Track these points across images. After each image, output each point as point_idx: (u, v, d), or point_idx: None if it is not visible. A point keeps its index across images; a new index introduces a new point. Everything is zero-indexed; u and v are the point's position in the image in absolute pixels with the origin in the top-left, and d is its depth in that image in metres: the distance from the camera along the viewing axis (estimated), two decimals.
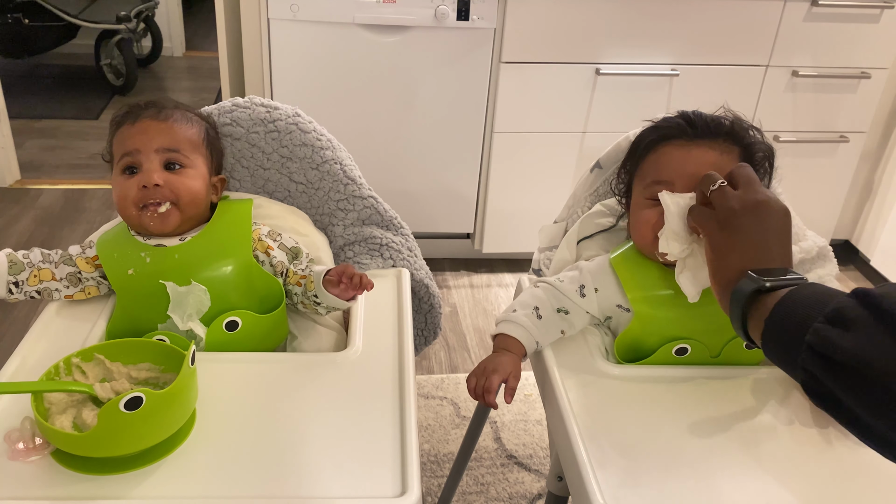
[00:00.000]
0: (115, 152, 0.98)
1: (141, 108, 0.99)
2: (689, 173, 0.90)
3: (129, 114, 0.99)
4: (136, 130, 0.96)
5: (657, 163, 0.95)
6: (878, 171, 2.43)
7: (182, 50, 4.55)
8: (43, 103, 3.62)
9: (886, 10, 2.14)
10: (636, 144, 1.00)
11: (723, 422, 0.83)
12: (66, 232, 2.53)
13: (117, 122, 1.00)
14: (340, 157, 1.15)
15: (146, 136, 0.96)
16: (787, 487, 0.74)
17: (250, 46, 2.10)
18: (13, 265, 0.95)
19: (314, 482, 0.72)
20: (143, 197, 0.94)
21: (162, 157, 0.96)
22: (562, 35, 2.06)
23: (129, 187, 0.94)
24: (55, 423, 0.73)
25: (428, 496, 1.57)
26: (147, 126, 0.96)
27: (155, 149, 0.95)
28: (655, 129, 0.98)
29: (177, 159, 0.97)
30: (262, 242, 1.00)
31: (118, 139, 0.98)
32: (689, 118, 0.95)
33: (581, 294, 0.96)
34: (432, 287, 1.18)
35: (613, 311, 0.96)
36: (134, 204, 0.94)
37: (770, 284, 0.68)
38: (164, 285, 0.92)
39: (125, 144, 0.96)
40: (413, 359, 0.92)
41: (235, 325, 0.94)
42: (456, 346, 2.08)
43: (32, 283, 0.96)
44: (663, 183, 0.91)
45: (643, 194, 0.95)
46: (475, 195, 2.31)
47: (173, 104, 1.02)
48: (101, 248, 0.97)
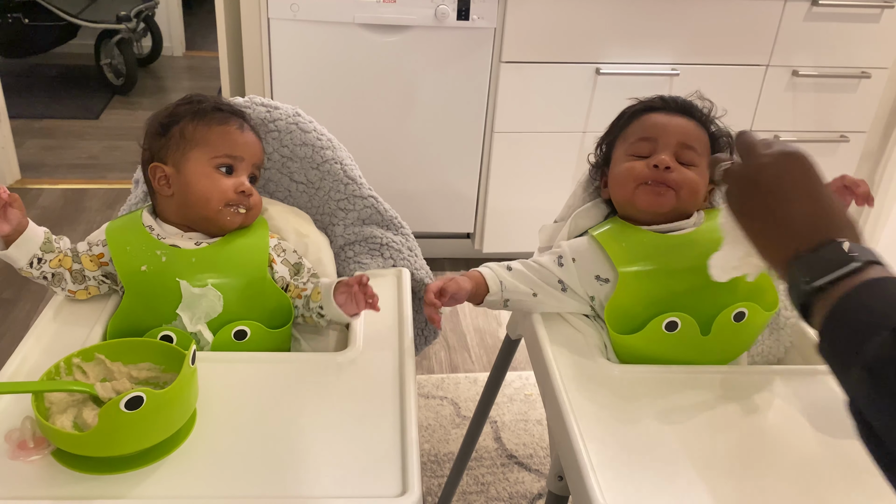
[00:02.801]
0: (212, 142, 0.99)
1: (240, 115, 1.04)
2: (671, 132, 0.98)
3: (230, 116, 1.02)
4: (245, 140, 1.02)
5: (642, 125, 1.02)
6: (879, 170, 2.43)
7: (182, 50, 4.55)
8: (43, 103, 3.62)
9: (886, 10, 2.14)
10: (619, 117, 1.07)
11: (723, 421, 0.83)
12: (66, 232, 2.51)
13: (212, 116, 1.01)
14: (341, 157, 1.15)
15: (251, 150, 1.02)
16: (787, 487, 0.74)
17: (250, 46, 2.10)
18: (46, 243, 0.96)
19: (314, 482, 0.72)
20: (237, 199, 0.99)
21: (252, 170, 1.03)
22: (562, 35, 2.06)
23: (228, 185, 0.99)
24: (56, 422, 0.73)
25: (428, 496, 1.57)
26: (253, 140, 1.04)
27: (252, 163, 1.02)
28: (637, 103, 1.06)
29: (257, 176, 1.05)
30: (269, 255, 1.01)
31: (220, 135, 1.00)
32: (666, 98, 1.04)
33: (559, 263, 0.98)
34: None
35: (593, 286, 0.97)
36: (223, 200, 0.98)
37: (820, 284, 0.57)
38: (178, 284, 0.92)
39: (233, 147, 1.00)
40: (413, 358, 0.92)
41: (244, 334, 0.94)
42: (456, 346, 2.08)
43: (53, 265, 0.96)
44: (649, 140, 0.99)
45: (626, 151, 1.01)
46: (475, 195, 2.31)
47: (248, 114, 1.09)
48: (111, 239, 0.97)
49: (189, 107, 1.01)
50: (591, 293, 0.98)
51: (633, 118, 1.04)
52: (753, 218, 0.66)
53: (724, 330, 0.93)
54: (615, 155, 1.04)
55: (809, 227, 0.60)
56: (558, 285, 0.98)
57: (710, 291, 0.93)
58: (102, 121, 3.49)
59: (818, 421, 0.84)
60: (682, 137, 0.99)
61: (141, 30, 3.96)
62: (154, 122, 1.02)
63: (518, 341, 1.22)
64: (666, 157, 0.96)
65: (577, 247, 1.00)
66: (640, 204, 0.98)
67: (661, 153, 0.97)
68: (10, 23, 3.57)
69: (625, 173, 0.99)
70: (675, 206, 0.97)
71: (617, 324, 0.94)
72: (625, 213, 1.02)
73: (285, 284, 1.01)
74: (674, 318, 0.92)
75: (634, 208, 0.99)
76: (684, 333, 0.92)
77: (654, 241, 0.96)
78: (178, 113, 1.01)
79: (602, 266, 0.97)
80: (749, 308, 0.92)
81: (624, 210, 1.02)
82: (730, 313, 0.92)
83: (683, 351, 0.93)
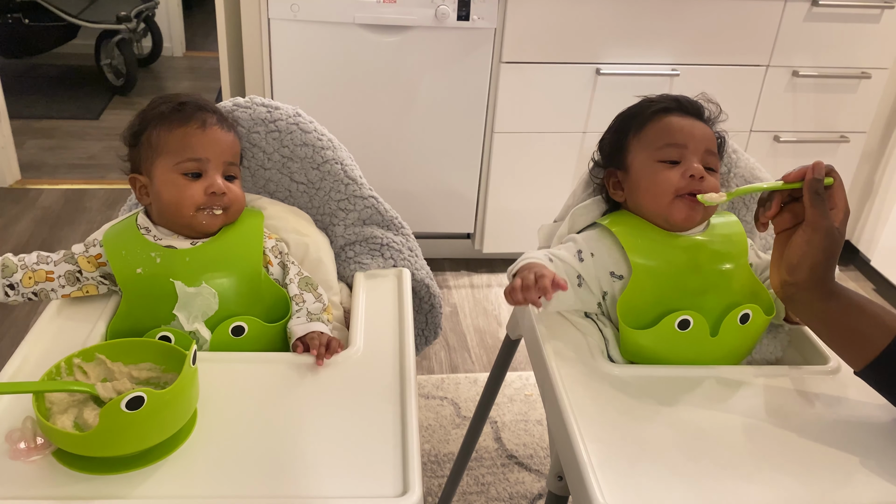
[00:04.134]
0: (173, 148, 0.97)
1: (202, 111, 0.99)
2: (698, 138, 0.97)
3: (191, 115, 0.98)
4: (207, 140, 0.98)
5: (668, 128, 0.98)
6: (879, 171, 2.43)
7: (182, 50, 4.55)
8: (43, 103, 3.62)
9: (887, 10, 2.14)
10: (635, 114, 1.03)
11: (724, 421, 0.83)
12: (66, 232, 2.53)
13: (173, 119, 0.98)
14: (341, 157, 1.15)
15: (218, 148, 0.99)
16: (788, 488, 0.74)
17: (251, 46, 2.10)
18: (5, 268, 0.96)
19: (315, 482, 0.72)
20: (208, 202, 0.97)
21: (224, 167, 0.99)
22: (562, 35, 2.06)
23: (196, 191, 0.96)
24: (56, 422, 0.73)
25: (428, 496, 1.57)
26: (218, 137, 0.99)
27: (222, 160, 0.99)
28: (653, 102, 1.02)
29: (234, 172, 1.01)
30: (265, 256, 1.01)
31: (181, 138, 0.97)
32: (681, 100, 1.02)
33: (580, 259, 0.97)
34: (433, 287, 1.18)
35: (607, 281, 0.97)
36: (195, 205, 0.96)
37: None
38: (173, 285, 0.92)
39: (195, 150, 0.97)
40: (414, 358, 0.92)
41: (241, 330, 0.94)
42: (456, 346, 2.08)
43: (28, 285, 0.96)
44: (677, 146, 0.96)
45: (654, 157, 0.98)
46: (475, 195, 2.31)
47: (213, 106, 1.04)
48: (108, 245, 0.97)
49: (154, 111, 1.00)
50: (605, 289, 0.98)
51: (650, 119, 1.00)
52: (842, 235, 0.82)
53: (730, 332, 0.94)
54: (636, 158, 1.00)
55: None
56: (576, 280, 0.97)
57: (717, 293, 0.94)
58: (102, 121, 3.50)
59: (817, 420, 0.84)
60: (708, 143, 0.98)
61: (141, 30, 3.96)
62: (127, 133, 1.02)
63: (518, 341, 1.22)
64: (699, 165, 0.95)
65: (591, 241, 0.99)
66: (675, 217, 0.95)
67: (691, 161, 0.95)
68: (11, 23, 3.57)
69: (660, 184, 0.96)
70: (705, 218, 0.97)
71: (628, 319, 0.94)
72: (647, 218, 0.99)
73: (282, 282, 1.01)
74: (687, 315, 0.92)
75: (666, 220, 0.96)
76: (695, 333, 0.93)
77: (666, 239, 0.97)
78: (146, 119, 1.00)
79: (616, 261, 0.97)
80: (752, 310, 0.93)
81: (649, 217, 0.99)
82: (737, 315, 0.93)
83: (691, 351, 0.94)
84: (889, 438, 0.81)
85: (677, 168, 0.95)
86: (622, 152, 1.02)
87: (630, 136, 1.02)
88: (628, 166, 1.01)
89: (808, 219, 0.82)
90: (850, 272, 2.53)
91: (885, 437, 0.82)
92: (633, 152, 1.01)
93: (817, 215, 0.81)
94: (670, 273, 0.95)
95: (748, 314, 0.93)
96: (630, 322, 0.94)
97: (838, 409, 0.86)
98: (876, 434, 0.82)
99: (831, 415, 0.85)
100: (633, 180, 1.00)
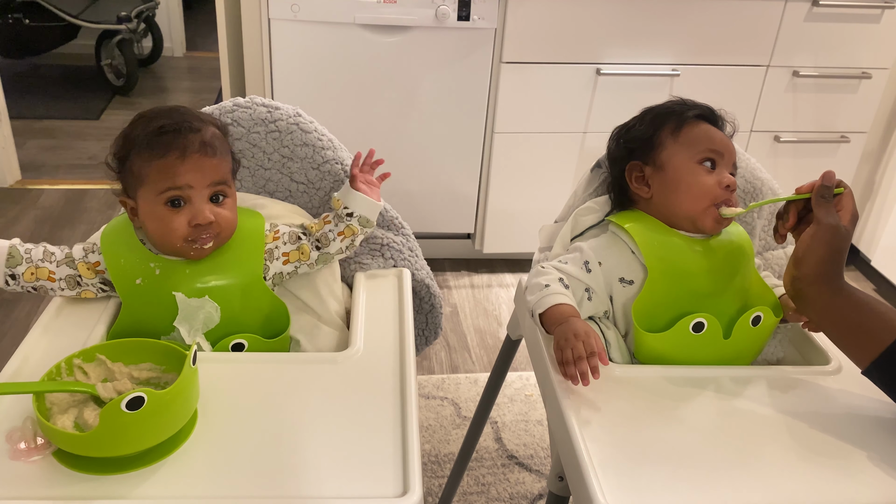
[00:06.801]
0: (153, 179, 0.91)
1: (181, 136, 0.92)
2: (730, 150, 0.99)
3: (169, 145, 0.91)
4: (187, 168, 0.91)
5: (709, 135, 1.00)
6: (879, 171, 2.43)
7: (182, 50, 4.55)
8: (43, 103, 3.62)
9: (887, 10, 2.14)
10: (672, 112, 1.02)
11: (725, 422, 0.83)
12: (66, 232, 2.53)
13: (152, 147, 0.91)
14: (341, 157, 1.15)
15: (200, 174, 0.92)
16: (788, 488, 0.74)
17: (251, 46, 2.11)
18: (11, 258, 0.94)
19: (315, 482, 0.72)
20: (195, 233, 0.92)
21: (211, 190, 0.94)
22: (562, 35, 2.06)
23: (180, 223, 0.91)
24: (57, 422, 0.73)
25: (429, 496, 1.57)
26: (199, 164, 0.92)
27: (206, 184, 0.93)
28: (687, 104, 1.03)
29: (223, 191, 0.95)
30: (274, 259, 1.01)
31: (161, 169, 0.91)
32: (715, 111, 1.04)
33: (587, 269, 0.97)
34: (433, 287, 1.18)
35: (616, 287, 0.97)
36: (181, 238, 0.92)
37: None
38: (173, 296, 0.92)
39: (175, 179, 0.91)
40: (414, 359, 0.92)
41: (241, 347, 0.94)
42: (456, 347, 2.08)
43: (29, 279, 0.95)
44: (716, 154, 0.98)
45: (693, 160, 0.98)
46: (475, 195, 2.31)
47: (199, 119, 0.96)
48: (106, 253, 0.96)
49: (134, 134, 0.94)
50: (612, 294, 0.97)
51: (689, 121, 1.00)
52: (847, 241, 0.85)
53: (743, 333, 0.94)
54: (674, 156, 0.99)
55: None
56: (585, 294, 0.97)
57: (728, 296, 0.95)
58: (103, 121, 3.50)
59: (818, 420, 0.84)
60: (734, 158, 1.00)
61: (141, 30, 3.96)
62: (110, 157, 0.97)
63: (518, 342, 1.22)
64: (733, 177, 0.97)
65: (600, 248, 0.98)
66: (706, 223, 0.96)
67: (725, 171, 0.97)
68: (11, 23, 3.57)
69: (701, 186, 0.96)
70: (723, 228, 0.99)
71: (642, 322, 0.94)
72: (668, 218, 0.98)
73: (282, 278, 1.01)
74: (701, 318, 0.92)
75: (694, 223, 0.97)
76: (709, 335, 0.93)
77: (681, 241, 0.97)
78: (127, 143, 0.94)
79: (627, 266, 0.96)
80: (763, 312, 0.94)
81: (673, 217, 0.98)
82: (749, 317, 0.94)
83: (705, 353, 0.94)
84: (891, 438, 0.81)
85: (713, 175, 0.97)
86: (654, 148, 1.00)
87: (665, 133, 1.00)
88: (662, 163, 0.99)
89: (814, 215, 0.86)
90: (850, 272, 2.53)
91: (886, 437, 0.82)
92: (669, 149, 0.99)
93: (822, 212, 0.85)
94: (685, 275, 0.95)
95: (760, 316, 0.94)
96: (644, 325, 0.94)
97: (839, 410, 0.86)
98: (878, 434, 0.82)
99: (832, 415, 0.85)
100: (671, 179, 0.98)
